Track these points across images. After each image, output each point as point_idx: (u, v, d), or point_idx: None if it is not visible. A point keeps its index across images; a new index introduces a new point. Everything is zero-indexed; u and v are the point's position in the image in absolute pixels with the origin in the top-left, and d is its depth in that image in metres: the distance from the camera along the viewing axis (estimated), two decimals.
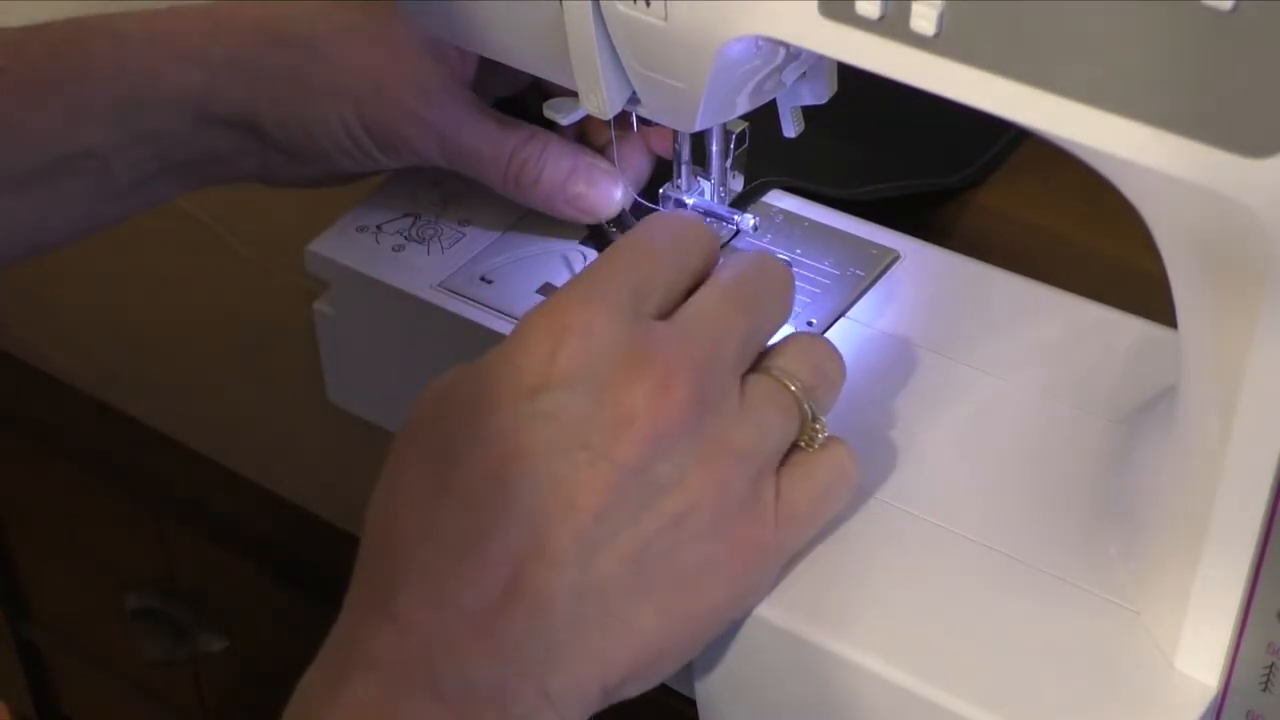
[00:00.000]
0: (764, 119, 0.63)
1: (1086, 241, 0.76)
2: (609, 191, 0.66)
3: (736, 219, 0.66)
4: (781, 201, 0.70)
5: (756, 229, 0.67)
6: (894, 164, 0.77)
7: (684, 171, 0.66)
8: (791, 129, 0.63)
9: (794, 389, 0.55)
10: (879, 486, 0.59)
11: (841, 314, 0.65)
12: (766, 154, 0.68)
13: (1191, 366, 0.51)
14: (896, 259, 0.67)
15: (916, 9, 0.46)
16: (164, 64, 0.66)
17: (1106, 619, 0.55)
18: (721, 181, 0.66)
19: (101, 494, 0.88)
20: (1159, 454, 0.56)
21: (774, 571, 0.55)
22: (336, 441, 0.73)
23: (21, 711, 1.13)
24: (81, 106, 0.65)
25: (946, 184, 0.79)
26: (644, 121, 0.64)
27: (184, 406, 0.78)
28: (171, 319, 0.82)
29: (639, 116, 0.63)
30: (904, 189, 0.76)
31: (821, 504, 0.56)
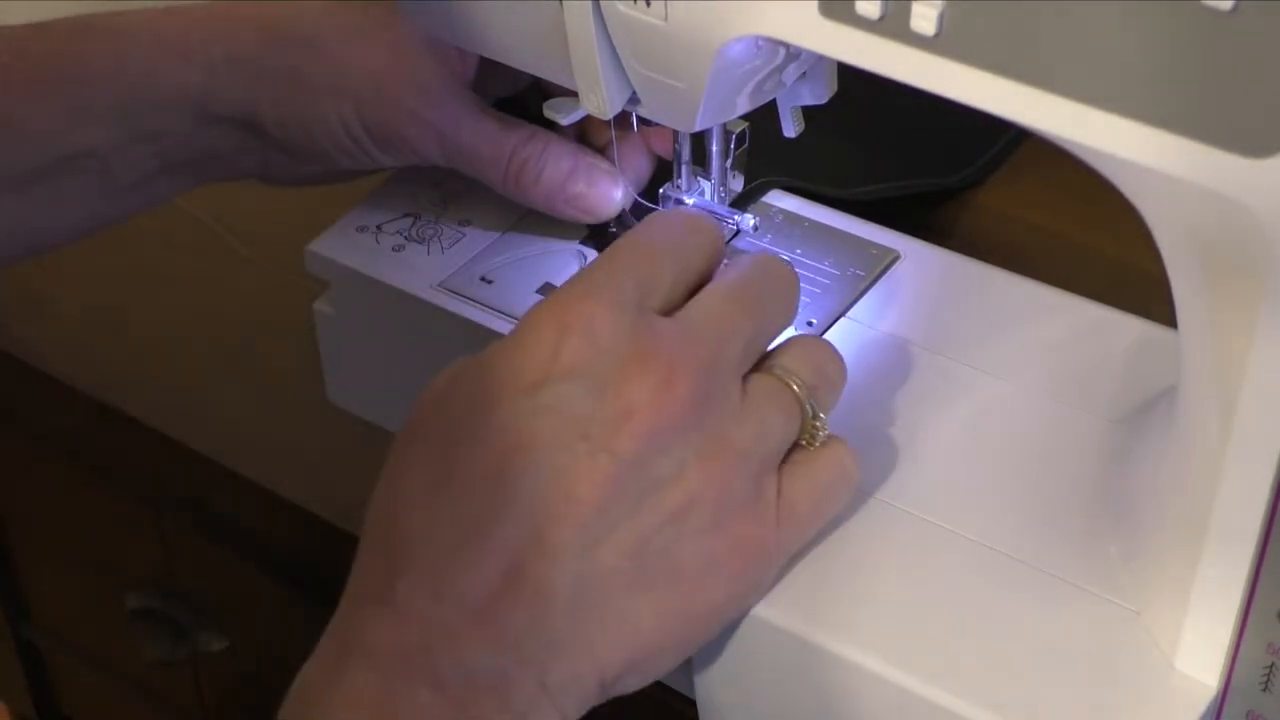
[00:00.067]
0: (764, 119, 0.63)
1: (1086, 241, 0.76)
2: (609, 191, 0.66)
3: (736, 219, 0.66)
4: (781, 201, 0.70)
5: (756, 229, 0.67)
6: (894, 164, 0.77)
7: (684, 171, 0.66)
8: (791, 129, 0.63)
9: (796, 388, 0.55)
10: (879, 486, 0.59)
11: (841, 314, 0.65)
12: (766, 154, 0.68)
13: (1191, 366, 0.51)
14: (896, 259, 0.67)
15: (916, 9, 0.46)
16: (164, 63, 0.66)
17: (1106, 619, 0.55)
18: (721, 181, 0.66)
19: (101, 494, 0.89)
20: (1159, 454, 0.56)
21: (774, 570, 0.55)
22: (336, 441, 0.73)
23: (21, 711, 1.13)
24: (82, 106, 0.66)
25: (946, 184, 0.79)
26: (644, 121, 0.64)
27: (184, 406, 0.78)
28: (171, 319, 0.82)
29: (639, 116, 0.63)
30: (904, 189, 0.76)
31: (822, 503, 0.56)
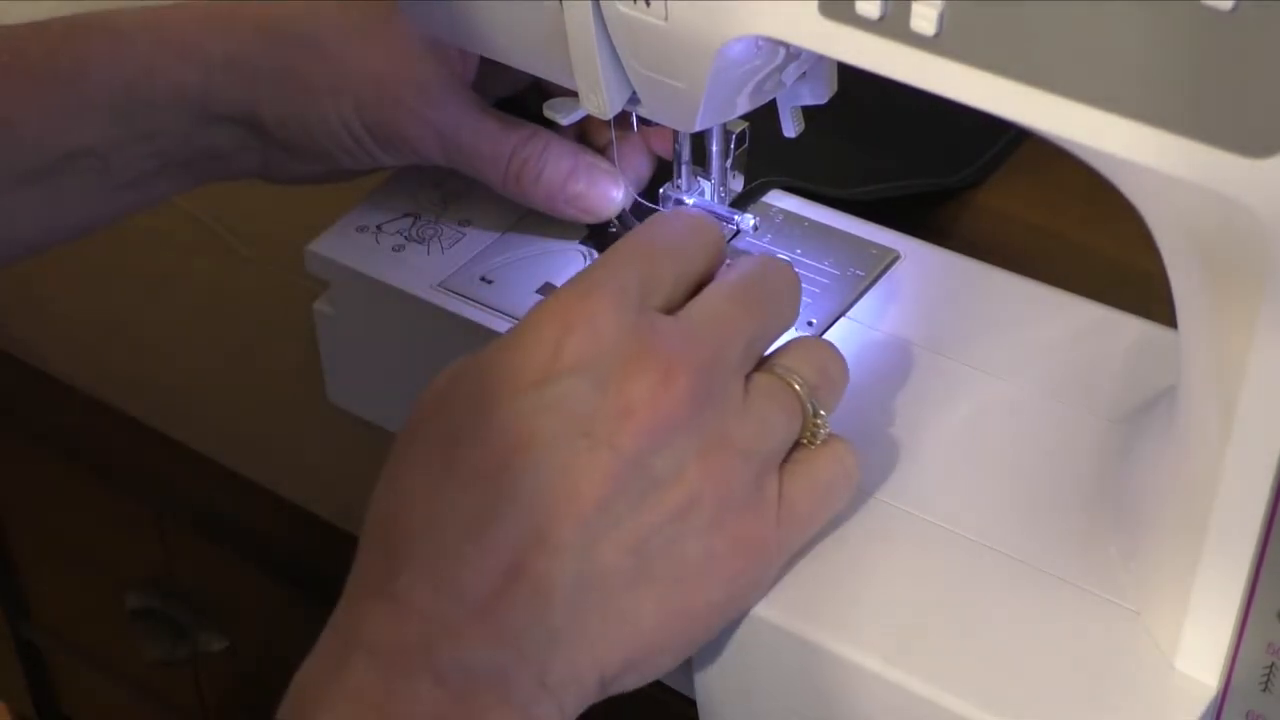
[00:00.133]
0: (764, 119, 0.63)
1: (1086, 241, 0.76)
2: (609, 191, 0.66)
3: (736, 219, 0.66)
4: (781, 201, 0.70)
5: (756, 229, 0.67)
6: (894, 164, 0.77)
7: (684, 171, 0.66)
8: (791, 129, 0.63)
9: (797, 387, 0.55)
10: (879, 486, 0.59)
11: (841, 314, 0.65)
12: (766, 154, 0.68)
13: (1191, 366, 0.51)
14: (896, 259, 0.67)
15: (916, 9, 0.46)
16: (164, 62, 0.66)
17: (1106, 619, 0.55)
18: (721, 181, 0.66)
19: (101, 494, 0.88)
20: (1159, 454, 0.55)
21: (774, 569, 0.55)
22: (336, 441, 0.73)
23: (21, 711, 1.13)
24: (80, 105, 0.65)
25: (946, 184, 0.79)
26: (644, 121, 0.64)
27: (184, 406, 0.78)
28: (171, 319, 0.82)
29: (639, 116, 0.63)
30: (904, 189, 0.76)
31: (823, 503, 0.56)
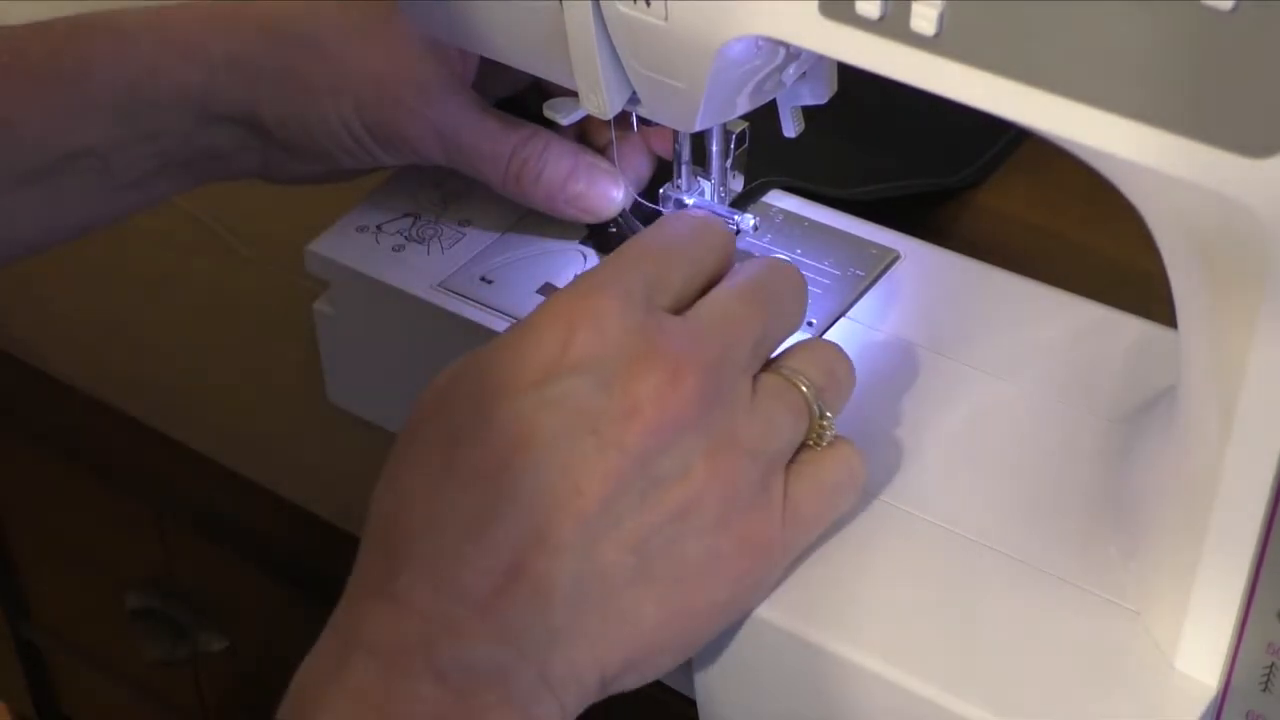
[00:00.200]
0: (764, 119, 0.63)
1: (1086, 241, 0.76)
2: (609, 191, 0.66)
3: (736, 219, 0.66)
4: (781, 201, 0.70)
5: (756, 229, 0.67)
6: (894, 164, 0.77)
7: (684, 171, 0.66)
8: (791, 129, 0.63)
9: (804, 388, 0.55)
10: (880, 486, 0.59)
11: (842, 314, 0.65)
12: (766, 154, 0.68)
13: (1191, 366, 0.51)
14: (896, 259, 0.67)
15: (916, 9, 0.46)
16: (165, 62, 0.66)
17: (1106, 619, 0.55)
18: (721, 181, 0.66)
19: (101, 494, 0.88)
20: (1159, 454, 0.55)
21: (779, 570, 0.55)
22: (336, 441, 0.73)
23: (21, 711, 1.13)
24: (82, 105, 0.65)
25: (946, 184, 0.79)
26: (644, 121, 0.64)
27: (184, 406, 0.78)
28: (171, 319, 0.82)
29: (639, 116, 0.63)
30: (904, 189, 0.76)
31: (828, 504, 0.56)
